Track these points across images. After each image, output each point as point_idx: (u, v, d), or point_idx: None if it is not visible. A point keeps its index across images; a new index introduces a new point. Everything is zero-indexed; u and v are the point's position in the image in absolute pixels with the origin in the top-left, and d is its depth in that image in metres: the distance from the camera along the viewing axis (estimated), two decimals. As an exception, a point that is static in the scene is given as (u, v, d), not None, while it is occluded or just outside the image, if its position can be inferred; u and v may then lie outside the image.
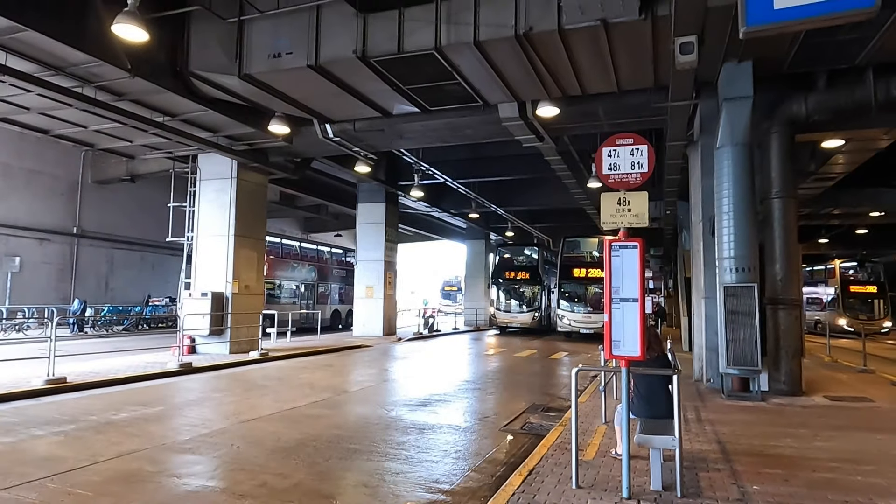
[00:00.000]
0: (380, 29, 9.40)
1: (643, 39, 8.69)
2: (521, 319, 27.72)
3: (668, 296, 34.61)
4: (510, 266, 29.41)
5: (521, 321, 27.68)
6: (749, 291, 9.35)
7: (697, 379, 11.11)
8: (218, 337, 14.65)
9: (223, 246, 15.02)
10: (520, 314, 27.87)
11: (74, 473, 5.31)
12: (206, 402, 9.11)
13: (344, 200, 26.16)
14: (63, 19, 8.96)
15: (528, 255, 30.32)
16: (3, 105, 11.91)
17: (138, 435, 6.78)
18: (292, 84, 10.90)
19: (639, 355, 4.59)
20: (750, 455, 5.91)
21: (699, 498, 4.61)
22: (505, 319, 28.04)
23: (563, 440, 6.50)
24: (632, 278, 4.64)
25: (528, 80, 10.28)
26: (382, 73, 10.11)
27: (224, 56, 10.34)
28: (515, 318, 27.85)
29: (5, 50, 9.29)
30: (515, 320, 27.82)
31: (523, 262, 29.75)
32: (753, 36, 4.72)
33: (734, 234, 9.62)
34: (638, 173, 4.92)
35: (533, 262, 29.49)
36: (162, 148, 15.05)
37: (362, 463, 5.88)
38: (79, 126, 13.40)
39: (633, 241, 4.68)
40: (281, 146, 14.93)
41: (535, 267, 28.93)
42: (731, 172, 9.66)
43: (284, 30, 9.96)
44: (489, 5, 8.73)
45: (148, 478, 5.27)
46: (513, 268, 29.22)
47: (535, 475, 5.22)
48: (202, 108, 12.04)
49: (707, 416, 7.99)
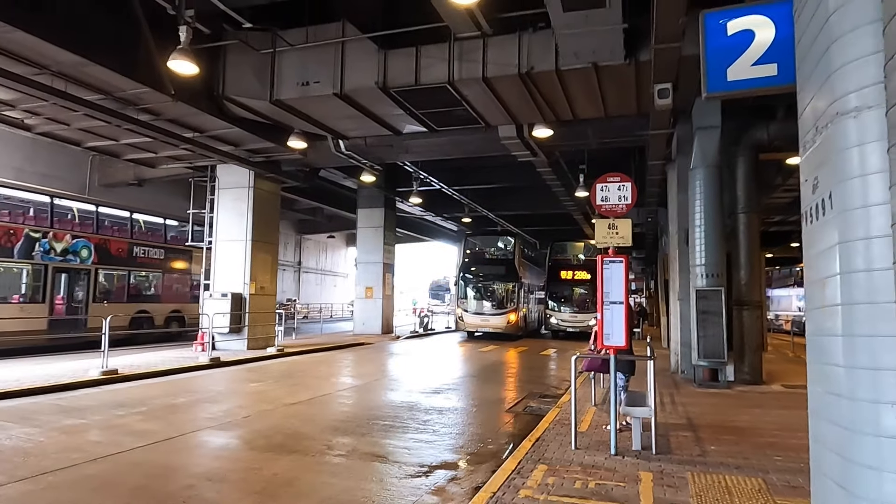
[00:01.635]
0: (399, 63, 10.73)
1: (628, 78, 10.12)
2: (494, 323, 23.58)
3: (650, 296, 36.20)
4: (481, 259, 25.76)
5: (494, 325, 23.56)
6: (717, 294, 10.83)
7: (673, 371, 12.60)
8: (236, 334, 15.84)
9: (241, 250, 16.22)
10: (492, 317, 23.74)
11: (172, 441, 6.58)
12: (245, 390, 10.37)
13: (339, 203, 27.39)
14: (119, 53, 10.17)
15: (503, 248, 26.48)
16: (52, 123, 13.02)
17: (203, 415, 8.05)
18: (316, 108, 12.18)
19: (624, 345, 5.99)
20: (711, 427, 7.35)
21: (669, 454, 6.02)
22: (474, 323, 23.87)
23: (561, 418, 7.88)
24: (619, 286, 6.03)
25: (527, 107, 11.67)
26: (399, 101, 11.44)
27: (257, 83, 11.59)
28: (487, 321, 23.69)
29: (66, 79, 10.45)
30: (487, 324, 23.66)
31: (496, 255, 26.09)
32: (713, 98, 6.15)
33: (705, 244, 11.09)
34: (623, 204, 6.31)
35: (508, 255, 25.61)
36: (184, 159, 16.20)
37: (399, 434, 7.22)
38: (110, 139, 14.53)
39: (619, 258, 6.08)
40: (294, 158, 16.16)
41: (510, 261, 25.00)
42: (703, 190, 11.14)
43: (312, 61, 11.24)
44: (496, 47, 10.10)
45: (229, 445, 6.56)
46: (484, 262, 25.52)
47: (541, 441, 6.60)
48: (229, 126, 13.25)
49: (680, 400, 9.44)
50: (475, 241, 27.02)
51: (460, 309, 24.41)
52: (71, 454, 5.91)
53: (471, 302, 24.34)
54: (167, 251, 19.69)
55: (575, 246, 28.57)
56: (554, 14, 8.01)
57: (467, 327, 24.11)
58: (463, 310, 24.22)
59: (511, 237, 26.67)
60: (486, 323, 23.66)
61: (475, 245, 26.65)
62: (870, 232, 2.26)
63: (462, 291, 24.72)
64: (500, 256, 25.95)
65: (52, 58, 9.71)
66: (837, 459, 2.44)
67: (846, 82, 2.40)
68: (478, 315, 23.91)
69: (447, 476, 5.58)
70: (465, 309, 24.18)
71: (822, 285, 2.60)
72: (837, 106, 2.44)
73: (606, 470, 5.47)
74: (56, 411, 7.96)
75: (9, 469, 5.36)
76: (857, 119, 2.36)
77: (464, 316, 24.12)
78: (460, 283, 24.94)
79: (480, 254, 26.28)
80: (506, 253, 26.03)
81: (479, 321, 23.77)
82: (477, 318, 23.87)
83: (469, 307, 24.19)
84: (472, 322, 23.89)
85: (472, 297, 24.47)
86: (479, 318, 23.85)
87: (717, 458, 5.90)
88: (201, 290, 17.26)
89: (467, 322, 24.01)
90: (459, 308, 24.50)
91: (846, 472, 2.35)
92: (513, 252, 25.41)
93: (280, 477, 5.41)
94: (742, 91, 6.25)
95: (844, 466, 2.36)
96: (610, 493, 4.80)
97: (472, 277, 24.77)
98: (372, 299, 24.02)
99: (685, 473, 5.36)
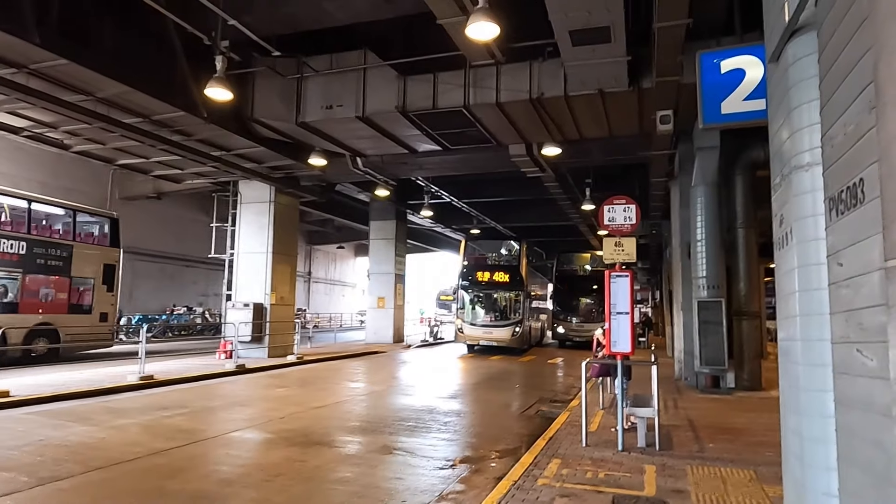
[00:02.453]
0: (417, 89, 11.48)
1: (631, 102, 10.83)
2: (497, 335, 21.46)
3: (655, 306, 36.67)
4: (483, 266, 23.72)
5: (497, 337, 21.44)
6: (718, 305, 11.48)
7: (677, 378, 13.21)
8: (257, 343, 16.53)
9: (262, 262, 16.95)
10: (495, 328, 21.63)
11: (219, 438, 7.26)
12: (273, 395, 11.05)
13: (349, 215, 28.15)
14: (158, 80, 10.98)
15: (508, 253, 24.99)
16: (89, 143, 13.83)
17: (240, 416, 8.73)
18: (338, 129, 12.94)
19: (630, 351, 6.65)
20: (710, 427, 7.99)
21: (671, 451, 6.66)
22: (475, 335, 21.70)
23: (571, 420, 8.52)
24: (624, 298, 6.71)
25: (536, 128, 12.40)
26: (417, 123, 12.18)
27: (283, 106, 12.37)
28: (490, 333, 21.57)
29: (109, 104, 11.24)
30: (489, 336, 21.54)
31: (500, 261, 24.42)
32: (709, 129, 6.84)
33: (706, 257, 11.76)
34: (629, 224, 7.00)
35: (513, 261, 24.00)
36: (209, 175, 16.99)
37: (423, 433, 7.88)
38: (142, 157, 15.32)
39: (625, 273, 6.75)
40: (313, 174, 16.93)
41: (515, 267, 23.02)
42: (704, 207, 11.82)
43: (336, 86, 12.01)
44: (508, 74, 10.84)
45: (271, 441, 7.23)
46: (487, 268, 23.36)
47: (554, 440, 7.25)
48: (255, 146, 14.03)
49: (682, 404, 10.07)
50: (477, 245, 25.09)
51: (460, 320, 22.04)
52: (132, 448, 6.59)
53: (471, 312, 22.15)
54: (30, 244, 14.66)
55: (581, 257, 29.14)
56: (563, 48, 8.74)
57: (467, 340, 21.90)
58: (463, 321, 21.88)
59: (517, 242, 24.54)
60: (489, 335, 21.47)
61: (476, 250, 24.81)
62: (819, 259, 2.94)
63: (462, 301, 22.41)
64: (505, 262, 24.16)
65: (99, 86, 10.50)
66: (796, 439, 3.11)
67: (801, 143, 3.10)
68: (479, 327, 21.70)
69: (471, 468, 6.24)
70: (465, 320, 21.86)
71: (787, 299, 3.29)
72: (794, 161, 3.14)
73: (614, 463, 6.12)
74: (106, 412, 8.66)
75: (84, 460, 6.05)
76: (809, 172, 3.05)
77: (464, 327, 21.76)
78: (460, 291, 22.65)
79: (482, 259, 24.60)
80: (511, 259, 24.44)
81: (481, 333, 21.58)
82: (478, 330, 21.64)
83: (469, 318, 21.95)
84: (472, 334, 21.68)
85: (472, 307, 22.30)
86: (481, 330, 21.62)
87: (714, 454, 6.54)
88: (223, 300, 17.98)
89: (467, 334, 21.74)
90: (459, 319, 22.17)
91: (802, 447, 3.02)
92: (518, 258, 23.51)
93: (324, 468, 6.08)
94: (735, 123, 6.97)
95: (801, 443, 3.03)
96: (618, 482, 5.45)
97: (472, 285, 22.54)
98: (384, 309, 24.70)
99: (685, 466, 6.01)
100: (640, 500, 4.96)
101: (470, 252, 24.26)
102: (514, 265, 23.27)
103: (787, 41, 3.17)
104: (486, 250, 24.95)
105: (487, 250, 24.98)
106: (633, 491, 5.19)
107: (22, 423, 7.70)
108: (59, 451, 6.40)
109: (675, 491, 5.21)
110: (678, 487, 5.30)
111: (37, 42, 8.68)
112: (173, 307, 27.82)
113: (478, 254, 24.82)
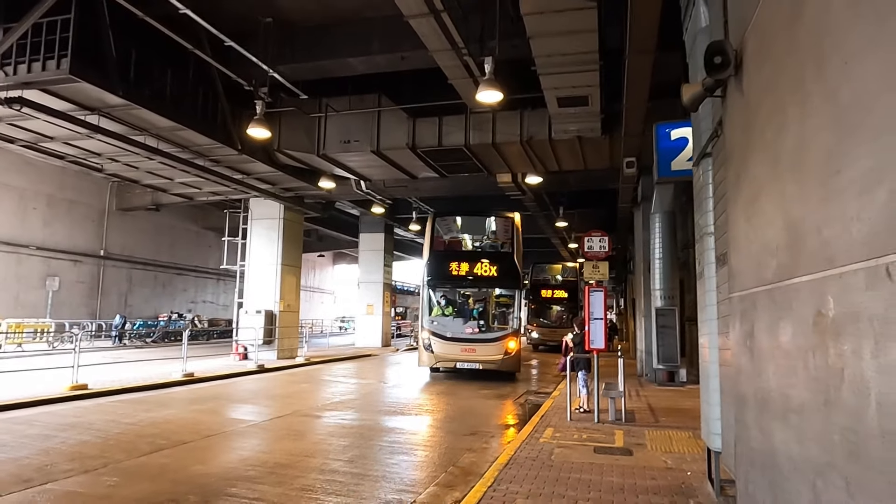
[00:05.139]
0: (425, 130, 13.57)
1: (603, 145, 13.14)
2: (483, 354, 14.66)
3: (620, 313, 39.35)
4: (459, 253, 16.83)
5: (483, 357, 14.65)
6: (672, 312, 13.83)
7: (639, 374, 15.55)
8: (268, 346, 18.29)
9: (272, 273, 18.74)
10: (480, 344, 14.77)
11: (265, 424, 9.18)
12: (299, 390, 12.93)
13: (334, 226, 29.99)
14: (203, 119, 12.81)
15: (494, 234, 17.82)
16: (124, 166, 15.49)
17: (281, 406, 10.63)
18: (353, 160, 14.93)
19: (603, 347, 8.85)
20: (664, 409, 10.26)
21: (634, 422, 8.87)
22: (448, 354, 14.74)
23: (555, 405, 10.67)
24: (599, 307, 8.91)
25: (524, 162, 14.62)
26: (422, 157, 14.26)
27: (307, 140, 14.30)
28: (471, 351, 14.70)
29: (158, 138, 13.02)
30: (471, 356, 14.68)
31: (486, 247, 17.55)
32: (662, 183, 9.12)
33: (662, 272, 14.12)
34: (603, 251, 9.22)
35: (505, 244, 16.78)
36: (223, 194, 18.73)
37: (436, 416, 9.92)
38: (167, 178, 17.01)
39: (600, 288, 8.96)
40: (317, 193, 18.83)
41: (507, 255, 15.93)
42: (661, 231, 14.19)
43: (353, 124, 14.01)
44: (502, 120, 13.03)
45: (314, 422, 9.19)
46: (466, 256, 16.36)
47: (544, 417, 9.39)
48: (273, 171, 15.89)
49: (644, 393, 12.36)
50: (449, 222, 18.00)
51: (426, 331, 14.94)
52: (213, 427, 8.47)
53: (442, 321, 15.29)
54: None
55: (553, 268, 31.53)
56: (551, 107, 10.95)
57: (438, 361, 14.73)
58: (430, 333, 14.85)
59: (509, 215, 16.58)
60: (470, 355, 14.67)
61: (448, 229, 17.82)
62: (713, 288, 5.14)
63: (427, 304, 15.55)
64: (491, 247, 17.16)
65: (156, 124, 12.28)
66: (705, 405, 5.30)
67: (706, 221, 5.31)
68: (454, 342, 14.74)
69: (487, 435, 8.34)
70: (434, 332, 14.88)
71: (703, 310, 5.49)
72: (704, 230, 5.35)
73: (593, 430, 8.30)
74: (175, 401, 10.45)
75: (189, 431, 7.91)
76: (710, 238, 5.26)
77: (432, 343, 14.75)
78: (425, 290, 15.62)
79: (457, 244, 17.67)
80: (500, 241, 17.24)
81: (458, 352, 14.69)
82: (453, 347, 14.70)
83: (439, 329, 14.97)
84: (445, 353, 14.66)
85: (443, 314, 15.54)
86: (458, 346, 14.70)
87: (665, 424, 8.79)
88: (235, 307, 19.67)
89: (437, 353, 14.68)
90: (425, 330, 15.01)
91: (705, 409, 5.21)
92: (511, 238, 16.13)
93: (381, 429, 8.10)
94: (681, 177, 9.27)
95: (706, 406, 5.22)
96: (597, 440, 7.62)
97: (444, 280, 15.75)
98: (373, 315, 26.61)
99: (644, 431, 8.23)
100: (613, 449, 7.13)
101: (441, 233, 17.25)
102: (506, 251, 16.23)
103: (701, 159, 5.39)
104: (467, 230, 18.22)
105: (468, 230, 18.20)
106: (608, 444, 7.37)
107: (120, 407, 9.48)
108: (169, 426, 8.24)
109: (637, 444, 7.41)
110: (639, 442, 7.50)
111: (119, 94, 10.47)
112: (171, 313, 29.09)
113: (451, 235, 17.98)
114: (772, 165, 2.84)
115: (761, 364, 3.12)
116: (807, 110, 2.34)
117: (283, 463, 6.40)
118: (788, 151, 2.58)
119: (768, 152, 2.90)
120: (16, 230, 23.54)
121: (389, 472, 6.26)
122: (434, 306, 15.74)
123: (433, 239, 16.07)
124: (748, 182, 3.37)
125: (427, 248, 15.93)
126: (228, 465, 6.37)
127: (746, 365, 3.51)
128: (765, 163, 2.98)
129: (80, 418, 8.46)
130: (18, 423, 8.02)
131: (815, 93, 2.25)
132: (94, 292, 27.66)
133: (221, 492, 5.32)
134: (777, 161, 2.75)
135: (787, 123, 2.58)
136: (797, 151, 2.47)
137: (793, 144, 2.52)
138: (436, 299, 15.90)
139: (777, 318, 2.79)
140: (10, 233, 23.16)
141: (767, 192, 2.93)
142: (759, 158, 3.11)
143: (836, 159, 2.06)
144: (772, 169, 2.85)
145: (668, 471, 6.19)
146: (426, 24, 8.78)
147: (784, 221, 2.65)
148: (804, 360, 2.40)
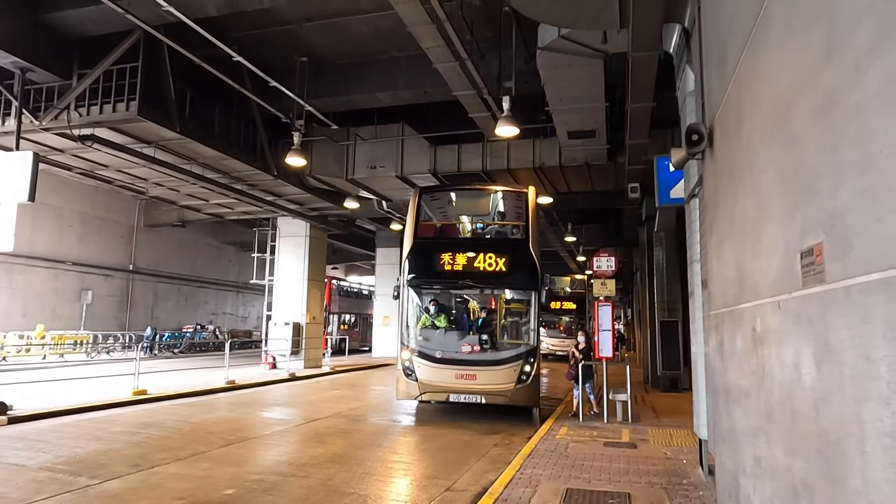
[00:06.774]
0: (445, 156, 14.80)
1: (609, 170, 14.31)
2: (489, 382, 10.40)
3: (627, 324, 40.26)
4: (453, 242, 12.26)
5: (489, 386, 10.38)
6: (675, 324, 14.91)
7: (645, 381, 16.61)
8: (295, 356, 19.45)
9: (299, 287, 19.96)
10: (482, 369, 10.54)
11: (313, 424, 10.33)
12: (332, 395, 14.07)
13: (349, 240, 31.22)
14: (245, 148, 14.10)
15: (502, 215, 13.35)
16: (168, 190, 16.81)
17: (320, 409, 11.78)
18: (379, 183, 16.18)
19: (610, 356, 9.97)
20: (667, 411, 11.34)
21: (639, 422, 9.97)
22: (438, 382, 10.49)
23: (566, 410, 11.75)
24: (608, 320, 10.03)
25: (535, 184, 15.77)
26: (442, 181, 15.48)
27: (336, 166, 15.56)
28: (472, 377, 10.44)
29: (204, 166, 14.31)
30: (471, 385, 10.41)
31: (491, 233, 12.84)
32: (662, 207, 10.27)
33: (666, 286, 15.22)
34: (610, 270, 10.35)
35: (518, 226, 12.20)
36: (253, 213, 20.01)
37: (459, 416, 11.03)
38: (202, 200, 18.31)
39: (608, 303, 10.09)
40: (340, 212, 20.08)
41: (521, 243, 11.47)
42: (664, 247, 15.31)
43: (379, 151, 15.26)
44: (517, 148, 14.24)
45: (357, 423, 10.33)
46: (461, 246, 11.63)
47: (558, 419, 10.49)
48: (303, 193, 17.15)
49: (649, 399, 13.44)
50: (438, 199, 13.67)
51: (408, 351, 10.86)
52: (269, 426, 9.63)
53: (430, 337, 11.22)
54: None
55: (562, 280, 32.63)
56: (561, 138, 12.14)
57: (424, 392, 10.54)
58: (414, 353, 10.83)
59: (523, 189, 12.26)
60: (469, 383, 10.46)
61: (435, 208, 13.48)
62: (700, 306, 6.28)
63: (410, 315, 11.36)
64: (498, 233, 12.78)
65: (202, 154, 13.57)
66: (696, 402, 6.42)
67: (694, 249, 6.45)
68: (448, 366, 10.60)
69: (510, 433, 9.45)
70: (420, 351, 10.87)
71: (694, 322, 6.63)
72: (693, 257, 6.50)
73: (602, 428, 9.40)
74: (225, 404, 11.62)
75: (251, 429, 9.07)
76: (697, 265, 6.40)
77: (416, 367, 10.67)
78: (407, 292, 11.22)
79: (452, 230, 13.22)
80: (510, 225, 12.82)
81: (452, 379, 10.48)
82: (445, 372, 10.57)
83: (427, 347, 10.95)
84: (432, 380, 10.54)
85: (433, 327, 11.36)
86: (452, 372, 10.53)
87: (667, 423, 9.89)
88: (264, 320, 20.90)
89: (423, 381, 10.55)
90: (405, 348, 10.93)
91: (696, 406, 6.33)
92: (525, 221, 11.59)
93: (430, 432, 9.24)
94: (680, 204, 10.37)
95: (696, 402, 6.34)
96: (606, 436, 8.72)
97: (432, 280, 11.49)
98: (389, 327, 27.73)
99: (648, 428, 9.33)
100: (620, 444, 8.24)
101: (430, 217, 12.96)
102: (518, 238, 11.84)
103: (690, 198, 6.55)
104: (465, 210, 13.61)
105: (466, 210, 13.62)
106: (616, 440, 8.48)
107: (181, 409, 10.66)
108: (230, 424, 9.41)
109: (641, 440, 8.51)
110: (643, 438, 8.60)
111: (177, 130, 11.76)
112: (197, 325, 30.35)
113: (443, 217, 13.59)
114: (729, 223, 4.01)
115: (727, 364, 4.26)
116: (745, 193, 3.51)
117: (341, 454, 7.55)
118: (738, 217, 3.75)
119: (727, 213, 4.07)
120: (53, 247, 24.92)
121: (435, 460, 7.40)
122: (419, 316, 11.45)
123: (417, 223, 11.46)
124: (717, 230, 4.53)
125: (409, 236, 11.39)
126: (295, 454, 7.53)
127: (719, 366, 4.65)
128: (726, 220, 4.16)
129: (151, 418, 9.66)
130: (101, 422, 9.22)
131: (748, 184, 3.42)
132: (123, 305, 29.00)
133: (297, 474, 6.47)
134: (732, 221, 3.92)
135: (737, 196, 3.75)
136: (742, 219, 3.64)
137: (740, 213, 3.69)
138: (422, 306, 11.51)
139: (734, 331, 3.94)
140: (48, 249, 24.53)
141: (728, 241, 4.10)
142: (723, 216, 4.28)
143: (757, 231, 3.23)
144: (729, 225, 4.01)
145: (667, 460, 7.30)
146: (451, 70, 10.00)
147: (735, 264, 3.81)
148: (748, 360, 3.55)
